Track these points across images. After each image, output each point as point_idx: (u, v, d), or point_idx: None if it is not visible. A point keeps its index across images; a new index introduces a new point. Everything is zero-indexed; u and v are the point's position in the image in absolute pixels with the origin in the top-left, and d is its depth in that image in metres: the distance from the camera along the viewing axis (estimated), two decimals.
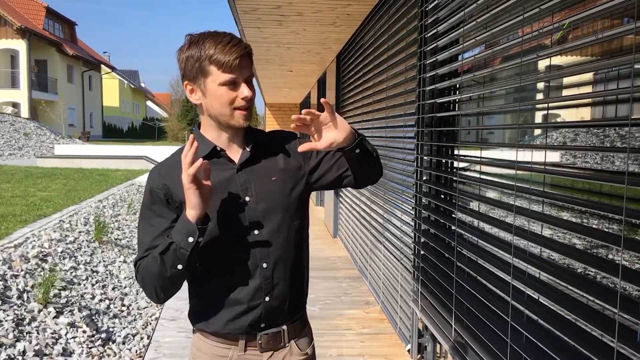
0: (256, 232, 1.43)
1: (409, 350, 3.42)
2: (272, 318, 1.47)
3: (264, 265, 1.43)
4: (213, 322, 1.46)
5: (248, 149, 1.45)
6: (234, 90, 1.36)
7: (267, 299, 1.44)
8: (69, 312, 3.86)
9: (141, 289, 4.90)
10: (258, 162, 1.47)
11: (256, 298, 1.42)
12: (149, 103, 57.62)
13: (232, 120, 1.39)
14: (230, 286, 1.42)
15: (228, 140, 1.45)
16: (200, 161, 1.28)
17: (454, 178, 2.50)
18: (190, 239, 1.30)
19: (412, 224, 3.23)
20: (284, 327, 1.50)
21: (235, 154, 1.46)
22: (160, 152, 17.55)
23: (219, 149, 1.44)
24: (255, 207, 1.43)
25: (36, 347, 3.20)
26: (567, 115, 4.64)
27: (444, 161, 2.78)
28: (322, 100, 1.34)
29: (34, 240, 5.00)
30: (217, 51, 1.33)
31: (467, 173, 2.40)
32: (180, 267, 1.33)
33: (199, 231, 1.30)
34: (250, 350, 1.47)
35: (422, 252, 2.95)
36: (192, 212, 1.31)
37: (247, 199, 1.43)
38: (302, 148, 1.38)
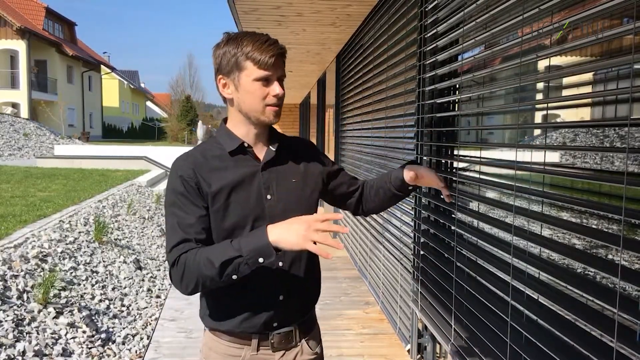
0: None
1: (408, 351, 3.42)
2: (285, 317, 1.49)
3: (280, 264, 1.46)
4: (227, 321, 1.47)
5: (273, 149, 1.49)
6: (266, 87, 1.41)
7: (281, 297, 1.46)
8: (69, 312, 3.86)
9: (140, 290, 4.91)
10: (281, 162, 1.51)
11: (271, 297, 1.45)
12: (148, 103, 57.64)
13: (262, 116, 1.43)
14: (246, 285, 1.43)
15: (255, 137, 1.49)
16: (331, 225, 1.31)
17: (454, 178, 2.50)
18: (261, 260, 1.30)
19: (412, 224, 3.23)
20: (296, 326, 1.52)
21: (260, 151, 1.50)
22: (160, 152, 17.53)
23: (246, 145, 1.47)
24: (275, 205, 1.46)
25: (36, 348, 3.20)
26: (567, 115, 4.65)
27: (443, 161, 2.78)
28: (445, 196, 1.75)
29: (34, 241, 5.00)
30: (255, 48, 1.38)
31: (467, 173, 2.41)
32: (235, 277, 1.33)
33: (274, 256, 1.30)
34: (263, 350, 1.48)
35: (421, 252, 2.95)
36: (277, 238, 1.29)
37: (268, 197, 1.46)
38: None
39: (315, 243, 1.27)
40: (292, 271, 1.48)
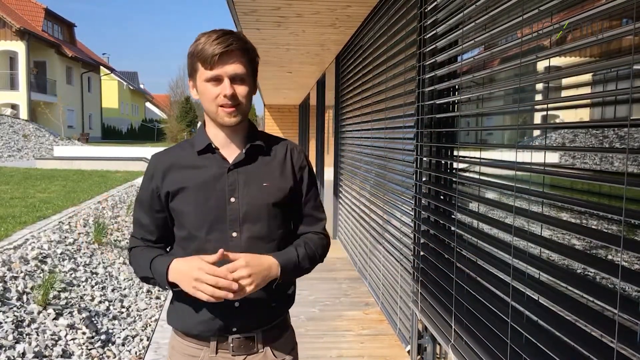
0: (234, 234, 1.42)
1: (408, 352, 3.42)
2: (243, 323, 1.44)
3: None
4: (185, 322, 1.47)
5: (243, 151, 1.45)
6: (217, 86, 1.36)
7: (236, 304, 1.41)
8: (69, 313, 3.85)
9: (139, 291, 4.91)
10: (253, 165, 1.45)
11: (227, 302, 1.37)
12: (148, 104, 57.63)
13: (218, 118, 1.40)
14: None
15: (225, 138, 1.45)
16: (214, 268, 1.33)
17: (454, 179, 2.50)
18: (166, 287, 1.42)
19: (412, 224, 3.23)
20: (258, 332, 1.47)
21: (232, 153, 1.45)
22: None
23: (213, 146, 1.45)
24: (238, 209, 1.42)
25: (36, 349, 3.20)
26: (566, 116, 4.65)
27: (443, 162, 2.78)
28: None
29: (34, 242, 5.00)
30: (204, 47, 1.33)
31: (467, 174, 2.41)
32: (150, 285, 1.50)
33: (167, 287, 1.42)
34: (222, 353, 1.46)
35: (421, 253, 2.95)
36: (175, 280, 1.37)
37: (232, 199, 1.42)
38: None
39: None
40: None
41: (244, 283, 1.31)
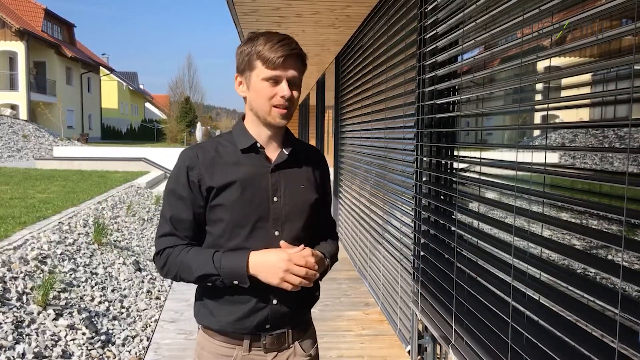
0: (276, 233, 1.45)
1: (409, 352, 3.42)
2: (278, 320, 1.48)
3: None
4: (220, 321, 1.47)
5: (286, 152, 1.49)
6: (274, 87, 1.40)
7: (274, 301, 1.45)
8: (69, 314, 3.85)
9: (139, 291, 4.90)
10: (292, 166, 1.50)
11: (265, 300, 1.44)
12: (147, 105, 57.62)
13: (269, 117, 1.43)
14: (240, 287, 1.43)
15: (268, 138, 1.49)
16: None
17: (454, 179, 2.50)
18: (235, 282, 1.38)
19: (412, 225, 3.23)
20: (289, 328, 1.51)
21: (273, 153, 1.49)
22: (159, 154, 17.53)
23: (258, 145, 1.47)
24: (281, 208, 1.46)
25: (35, 350, 3.20)
26: (567, 116, 4.65)
27: (443, 162, 2.78)
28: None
29: (33, 242, 4.99)
30: (266, 48, 1.38)
31: (467, 174, 2.41)
32: (209, 285, 1.42)
33: (248, 284, 1.38)
34: (255, 351, 1.48)
35: (422, 253, 2.95)
36: (256, 272, 1.37)
37: (275, 199, 1.46)
38: None
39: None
40: None
41: (313, 272, 1.40)
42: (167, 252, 1.44)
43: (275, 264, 1.35)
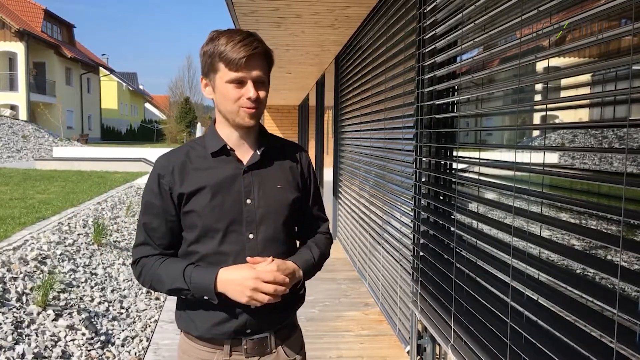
0: (251, 235, 1.42)
1: (408, 352, 3.42)
2: (257, 324, 1.44)
3: None
4: (198, 326, 1.44)
5: (259, 152, 1.45)
6: (240, 88, 1.37)
7: (252, 306, 1.40)
8: (68, 314, 3.85)
9: (139, 292, 4.90)
10: (266, 166, 1.47)
11: (243, 304, 1.38)
12: (147, 105, 57.61)
13: (237, 118, 1.40)
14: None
15: (239, 139, 1.45)
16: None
17: (453, 179, 2.51)
18: (205, 298, 1.37)
19: (411, 225, 3.23)
20: (271, 333, 1.48)
21: (245, 154, 1.46)
22: (158, 154, 17.47)
23: (229, 147, 1.44)
24: (254, 210, 1.43)
25: (35, 350, 3.20)
26: (566, 116, 4.65)
27: (442, 162, 2.78)
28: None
29: (33, 243, 5.00)
30: (227, 49, 1.33)
31: (466, 174, 2.41)
32: (182, 297, 1.42)
33: (217, 301, 1.36)
34: (236, 355, 1.45)
35: (421, 254, 2.95)
36: (224, 290, 1.35)
37: (248, 201, 1.42)
38: None
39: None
40: None
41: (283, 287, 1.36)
42: (142, 262, 1.44)
43: (242, 282, 1.32)
